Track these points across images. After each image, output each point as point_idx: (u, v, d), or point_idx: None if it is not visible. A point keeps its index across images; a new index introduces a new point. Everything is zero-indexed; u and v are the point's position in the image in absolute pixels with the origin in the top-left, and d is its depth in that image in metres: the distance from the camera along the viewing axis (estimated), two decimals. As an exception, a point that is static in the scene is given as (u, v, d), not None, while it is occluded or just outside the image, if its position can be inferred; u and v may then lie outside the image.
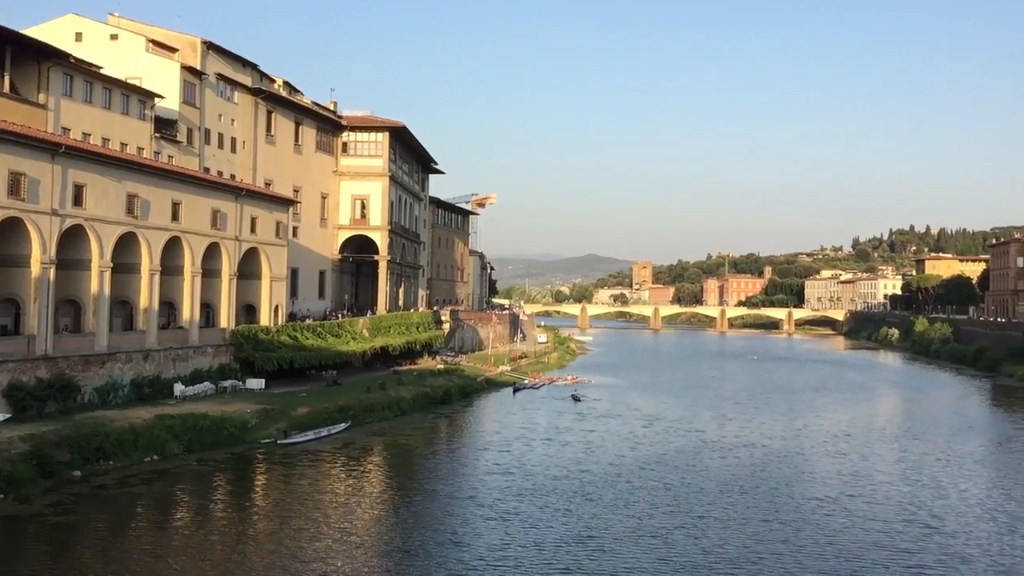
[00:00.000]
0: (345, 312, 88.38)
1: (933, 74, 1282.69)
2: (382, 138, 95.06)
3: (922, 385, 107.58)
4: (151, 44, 71.31)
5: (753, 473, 49.15)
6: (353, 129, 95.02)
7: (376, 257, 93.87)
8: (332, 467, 47.91)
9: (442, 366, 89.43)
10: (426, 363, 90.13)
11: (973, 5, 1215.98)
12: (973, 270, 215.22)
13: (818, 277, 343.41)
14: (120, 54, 69.20)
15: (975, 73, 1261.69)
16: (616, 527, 37.23)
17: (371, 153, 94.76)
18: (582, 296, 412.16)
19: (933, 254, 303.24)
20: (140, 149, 65.00)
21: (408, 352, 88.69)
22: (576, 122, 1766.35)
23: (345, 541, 34.36)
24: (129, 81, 66.13)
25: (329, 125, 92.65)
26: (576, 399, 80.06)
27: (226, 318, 66.17)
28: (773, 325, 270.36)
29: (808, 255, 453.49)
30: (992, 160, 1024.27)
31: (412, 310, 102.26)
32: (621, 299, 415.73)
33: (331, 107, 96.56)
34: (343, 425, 57.69)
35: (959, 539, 36.69)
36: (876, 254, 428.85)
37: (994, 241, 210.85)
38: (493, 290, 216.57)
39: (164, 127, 69.12)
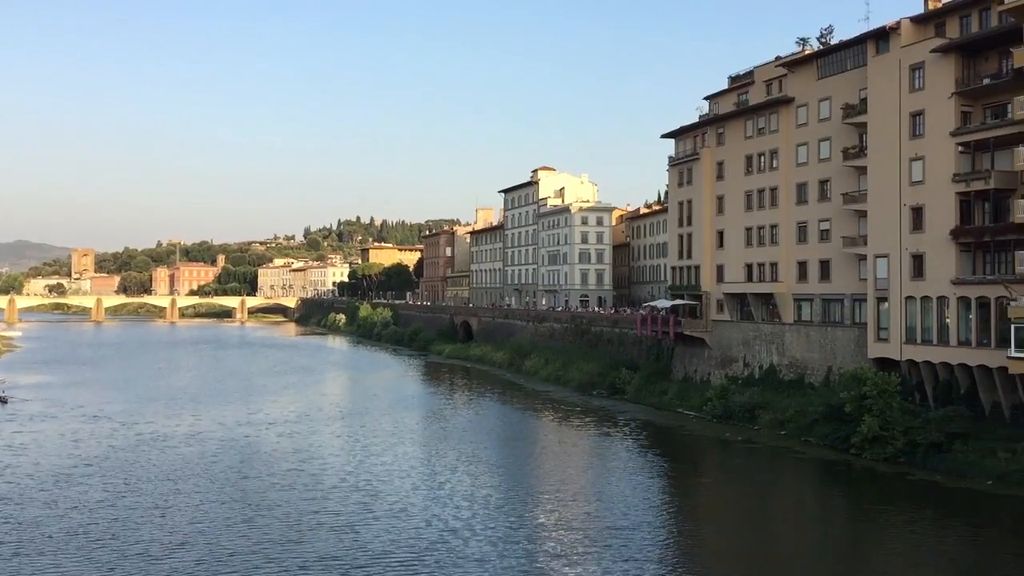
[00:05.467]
0: None
1: (389, 79, 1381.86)
2: None
3: (365, 365, 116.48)
4: None
5: (207, 460, 49.32)
6: None
7: None
8: None
9: None
10: None
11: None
12: (411, 259, 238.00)
13: (271, 265, 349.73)
14: None
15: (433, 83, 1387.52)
16: (48, 528, 34.97)
17: None
18: (10, 287, 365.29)
19: (376, 244, 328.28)
20: None
21: None
22: (5, 93, 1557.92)
23: None
24: None
25: None
26: (3, 401, 71.90)
27: None
28: (227, 314, 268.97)
29: (262, 243, 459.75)
30: (433, 158, 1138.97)
31: None
32: (58, 289, 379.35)
33: None
34: None
35: (380, 498, 41.38)
36: (326, 243, 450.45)
37: (427, 232, 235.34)
38: None
39: None
